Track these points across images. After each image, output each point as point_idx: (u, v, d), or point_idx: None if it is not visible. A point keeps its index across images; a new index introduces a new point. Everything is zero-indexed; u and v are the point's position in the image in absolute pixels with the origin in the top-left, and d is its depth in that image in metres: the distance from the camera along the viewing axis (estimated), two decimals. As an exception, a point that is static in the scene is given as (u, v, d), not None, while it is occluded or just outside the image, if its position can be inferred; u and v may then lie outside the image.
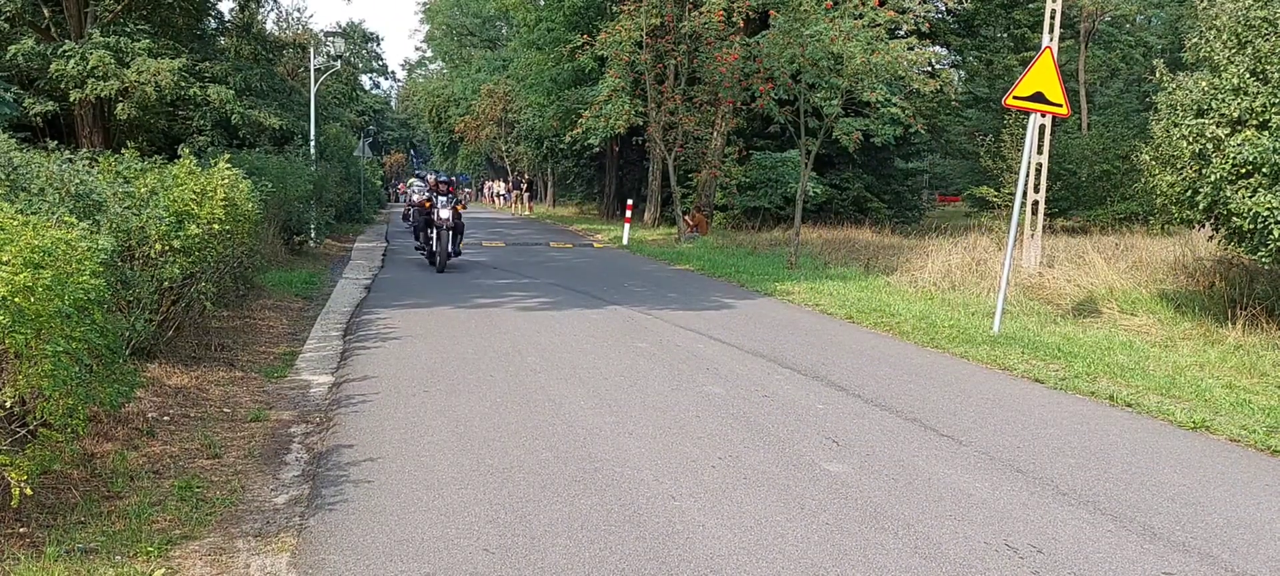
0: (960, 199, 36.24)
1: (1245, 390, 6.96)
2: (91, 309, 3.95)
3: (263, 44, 21.39)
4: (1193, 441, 5.73)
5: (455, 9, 54.48)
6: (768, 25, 18.78)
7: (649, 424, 5.74)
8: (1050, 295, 11.62)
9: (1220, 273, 10.65)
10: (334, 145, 27.64)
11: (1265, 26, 8.60)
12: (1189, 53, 9.85)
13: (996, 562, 3.78)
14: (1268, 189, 8.09)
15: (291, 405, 6.34)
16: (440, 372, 7.16)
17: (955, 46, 30.29)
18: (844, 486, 4.65)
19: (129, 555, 3.65)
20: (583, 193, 44.02)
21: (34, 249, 3.60)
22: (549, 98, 29.64)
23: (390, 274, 14.77)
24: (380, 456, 5.02)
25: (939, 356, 8.34)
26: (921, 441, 5.50)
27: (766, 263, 16.28)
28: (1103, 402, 6.66)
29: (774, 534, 4.02)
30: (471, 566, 3.66)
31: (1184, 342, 8.89)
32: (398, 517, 4.14)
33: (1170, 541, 4.07)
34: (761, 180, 24.55)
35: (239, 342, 8.16)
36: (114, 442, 4.90)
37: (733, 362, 7.73)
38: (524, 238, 23.90)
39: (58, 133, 15.02)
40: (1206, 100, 8.83)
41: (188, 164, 7.55)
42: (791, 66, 16.17)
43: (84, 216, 5.47)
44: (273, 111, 17.39)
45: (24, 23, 15.86)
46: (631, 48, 20.48)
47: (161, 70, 14.67)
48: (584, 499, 4.40)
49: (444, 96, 53.70)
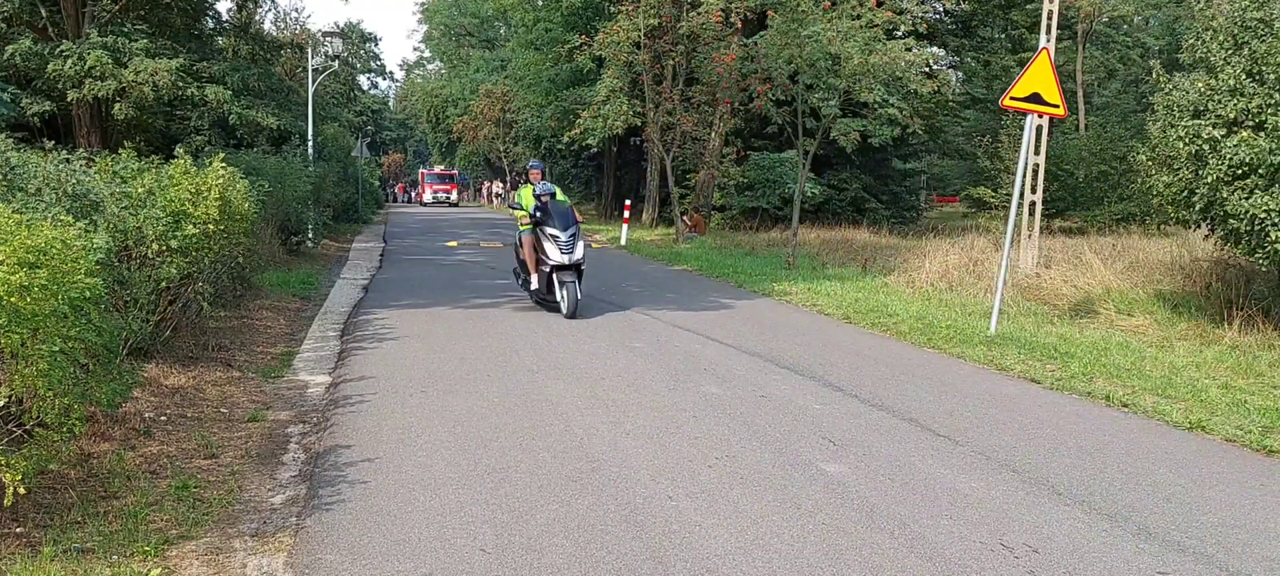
0: (958, 199, 36.26)
1: (1241, 390, 6.97)
2: (88, 309, 3.95)
3: (260, 44, 21.38)
4: (1189, 441, 5.74)
5: (453, 9, 54.51)
6: (765, 26, 18.77)
7: (646, 424, 5.75)
8: (1047, 295, 11.62)
9: (1217, 273, 10.65)
10: (332, 145, 27.64)
11: (1261, 27, 8.61)
12: (1186, 54, 9.85)
13: (992, 562, 3.78)
14: (1264, 190, 8.10)
15: (289, 405, 6.34)
16: (438, 373, 7.16)
17: (953, 47, 30.32)
18: (841, 486, 4.66)
19: (126, 555, 3.65)
20: (581, 193, 43.98)
21: (30, 248, 3.60)
22: (547, 98, 29.66)
23: (388, 274, 14.77)
24: (377, 456, 5.02)
25: (936, 356, 8.35)
26: (918, 441, 5.51)
27: (764, 263, 16.29)
28: (1099, 403, 6.67)
29: (770, 533, 4.03)
30: (468, 566, 3.66)
31: (1180, 343, 8.90)
32: (395, 518, 4.15)
33: (1166, 541, 4.08)
34: (759, 180, 24.56)
35: (236, 343, 8.16)
36: (111, 442, 4.89)
37: (730, 363, 7.73)
38: (522, 238, 23.86)
39: (55, 133, 15.01)
40: (1203, 101, 8.84)
41: (184, 164, 7.54)
42: (789, 67, 16.18)
43: (81, 216, 5.48)
44: (270, 111, 17.38)
45: (21, 22, 15.83)
46: (629, 48, 20.50)
47: (159, 70, 14.66)
48: (581, 499, 4.40)
49: (442, 97, 53.77)
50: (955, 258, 13.72)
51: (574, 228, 10.06)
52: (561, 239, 9.92)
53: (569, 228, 9.99)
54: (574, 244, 9.98)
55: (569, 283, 9.80)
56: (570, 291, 9.79)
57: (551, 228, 9.98)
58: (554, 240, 9.93)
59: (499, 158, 46.83)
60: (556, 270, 9.93)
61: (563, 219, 10.11)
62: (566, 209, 10.32)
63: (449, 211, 43.16)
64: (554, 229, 9.97)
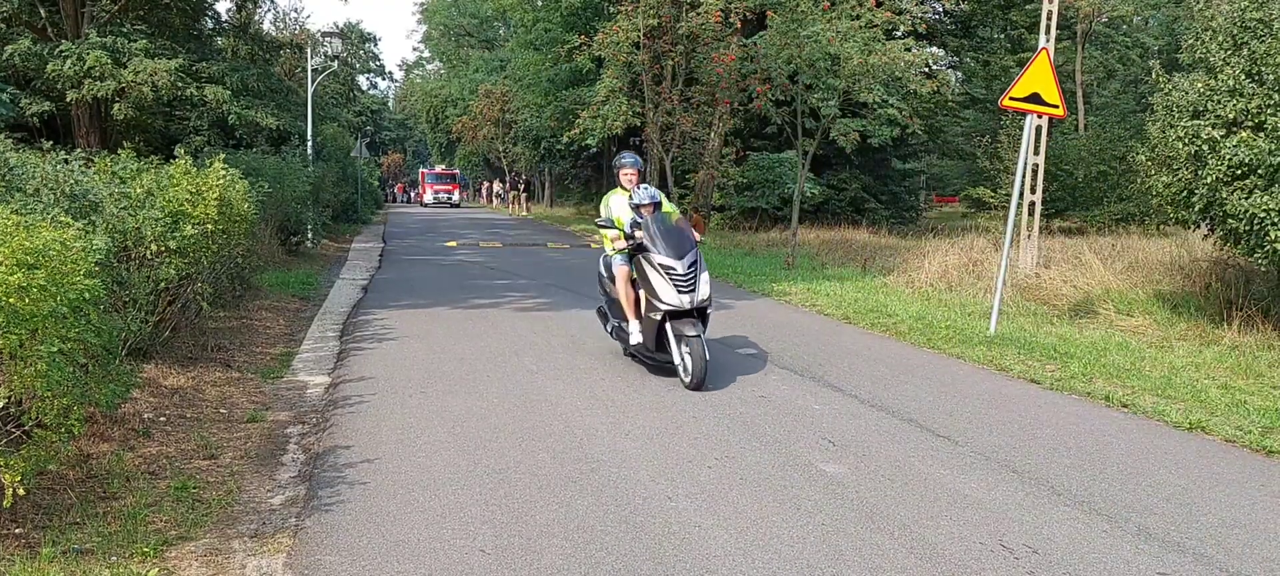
0: (957, 200, 36.28)
1: (1241, 391, 6.97)
2: (87, 309, 3.94)
3: (260, 44, 21.40)
4: (1188, 442, 5.74)
5: (453, 9, 54.50)
6: (765, 26, 18.78)
7: (646, 424, 5.74)
8: (1047, 296, 11.62)
9: (1216, 273, 10.65)
10: (331, 145, 27.65)
11: (1261, 28, 8.61)
12: (1185, 54, 9.85)
13: (991, 562, 3.78)
14: (1263, 190, 8.11)
15: (288, 406, 6.34)
16: (437, 373, 7.15)
17: (952, 47, 30.34)
18: (840, 487, 4.65)
19: (125, 556, 3.64)
20: (580, 193, 44.02)
21: (28, 249, 3.60)
22: (546, 98, 29.65)
23: (387, 274, 14.77)
24: (377, 457, 5.02)
25: (935, 357, 8.35)
26: (917, 442, 5.51)
27: (763, 263, 16.29)
28: (1099, 403, 6.67)
29: (770, 534, 4.02)
30: (467, 567, 3.66)
31: (1180, 343, 8.90)
32: (394, 518, 4.14)
33: (1165, 541, 4.07)
34: (759, 181, 24.56)
35: (236, 343, 8.15)
36: (110, 443, 4.89)
37: (729, 363, 7.73)
38: (521, 238, 23.90)
39: (54, 133, 15.00)
40: (1202, 101, 8.84)
41: (183, 164, 7.54)
42: (789, 67, 16.18)
43: (80, 217, 5.47)
44: (270, 112, 17.38)
45: (21, 23, 15.83)
46: (629, 48, 20.48)
47: (158, 70, 14.65)
48: (580, 499, 4.40)
49: (441, 97, 53.70)
50: (955, 258, 13.72)
51: (692, 254, 6.95)
52: (676, 271, 6.80)
53: (686, 254, 6.90)
54: (695, 278, 6.88)
55: (693, 338, 6.66)
56: (695, 351, 6.61)
57: (660, 255, 6.86)
58: (666, 274, 6.81)
59: (498, 158, 46.82)
60: (671, 317, 6.83)
61: (676, 242, 6.95)
62: (678, 227, 7.14)
63: (448, 212, 43.13)
64: (665, 257, 6.85)
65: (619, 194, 7.72)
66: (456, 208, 48.05)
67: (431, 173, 54.85)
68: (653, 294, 6.89)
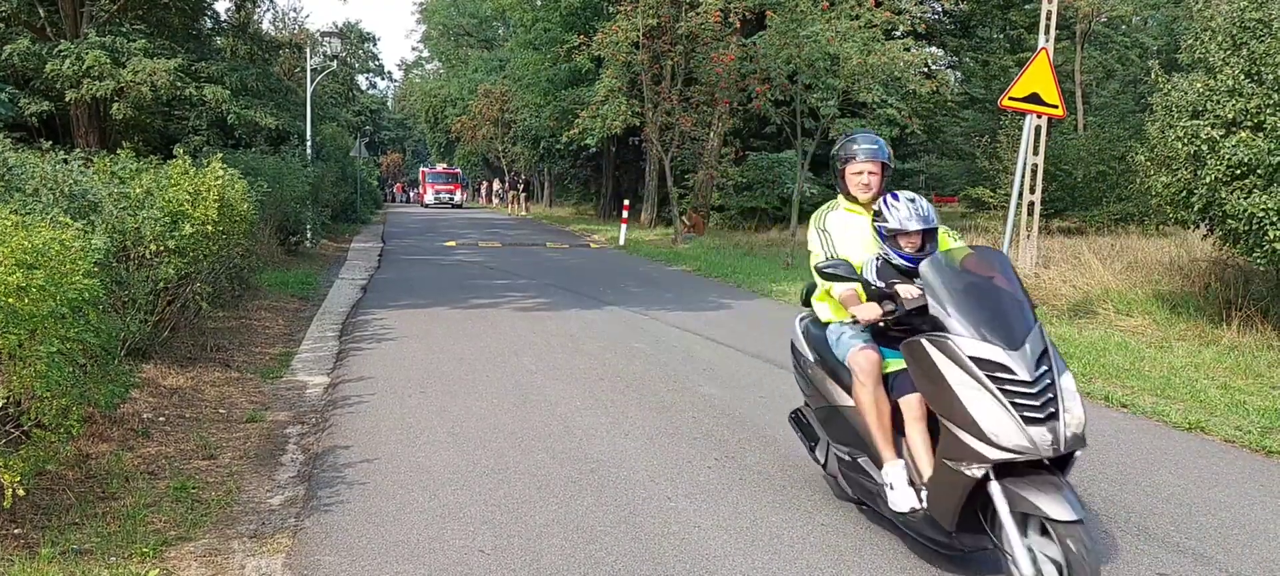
0: (956, 199, 36.21)
1: (1240, 391, 6.97)
2: (86, 309, 3.94)
3: (259, 44, 21.36)
4: (1188, 442, 5.74)
5: (452, 9, 54.43)
6: (764, 26, 18.78)
7: (645, 424, 5.74)
8: (1046, 296, 11.62)
9: (1215, 273, 10.65)
10: (330, 145, 27.66)
11: (1260, 28, 8.61)
12: (1185, 54, 9.85)
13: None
14: (1263, 190, 8.11)
15: (287, 406, 6.33)
16: (436, 373, 7.15)
17: (952, 47, 30.36)
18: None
19: (124, 556, 3.64)
20: (579, 193, 44.02)
21: (27, 249, 3.59)
22: (546, 98, 29.65)
23: (387, 274, 14.76)
24: (376, 457, 5.02)
25: (935, 357, 8.33)
26: (917, 442, 5.50)
27: (763, 263, 16.29)
28: (1098, 403, 6.67)
29: (770, 535, 4.02)
30: (467, 567, 3.65)
31: (1179, 343, 8.90)
32: (393, 518, 4.14)
33: (1165, 542, 4.07)
34: (758, 181, 24.55)
35: (235, 343, 8.15)
36: (109, 443, 4.89)
37: (729, 363, 7.73)
38: (521, 238, 23.90)
39: (53, 133, 15.00)
40: (1202, 101, 8.84)
41: (182, 164, 7.53)
42: (788, 67, 16.20)
43: (79, 217, 5.47)
44: (269, 111, 17.36)
45: (20, 22, 15.81)
46: (628, 48, 20.50)
47: (157, 70, 14.63)
48: (580, 500, 4.40)
49: (441, 97, 53.61)
50: (954, 258, 13.68)
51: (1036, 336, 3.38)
52: (1013, 376, 3.26)
53: (1022, 336, 3.35)
54: (1052, 386, 3.29)
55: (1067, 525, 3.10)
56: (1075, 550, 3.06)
57: (967, 337, 3.37)
58: (990, 380, 3.27)
59: (497, 158, 46.79)
60: (1002, 473, 3.28)
61: (995, 308, 3.46)
62: (990, 280, 3.59)
63: (448, 212, 43.10)
64: (977, 341, 3.35)
65: (846, 212, 4.24)
66: (458, 208, 47.28)
67: (433, 172, 53.17)
68: (957, 420, 3.33)
